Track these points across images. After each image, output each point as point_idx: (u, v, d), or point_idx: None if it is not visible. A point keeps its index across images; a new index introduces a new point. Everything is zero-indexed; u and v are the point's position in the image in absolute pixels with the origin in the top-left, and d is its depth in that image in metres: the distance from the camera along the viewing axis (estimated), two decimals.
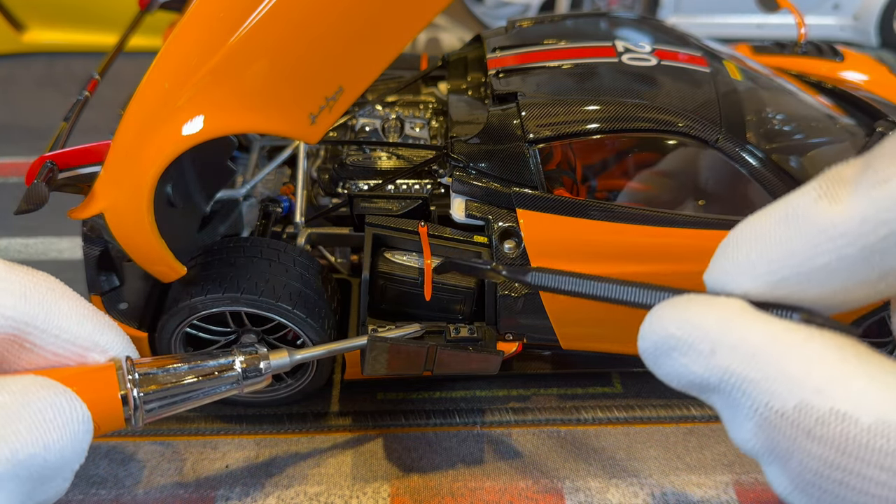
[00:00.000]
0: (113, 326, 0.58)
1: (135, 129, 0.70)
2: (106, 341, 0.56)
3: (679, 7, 1.74)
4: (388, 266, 0.82)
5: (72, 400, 0.51)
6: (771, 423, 0.37)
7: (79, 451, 0.50)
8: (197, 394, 0.61)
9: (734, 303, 0.40)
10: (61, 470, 0.49)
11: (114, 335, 0.57)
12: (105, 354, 0.56)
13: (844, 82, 1.11)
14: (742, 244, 0.42)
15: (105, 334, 0.56)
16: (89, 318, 0.56)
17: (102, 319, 0.57)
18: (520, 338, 0.88)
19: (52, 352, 0.54)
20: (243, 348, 0.66)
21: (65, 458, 0.49)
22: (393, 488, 0.84)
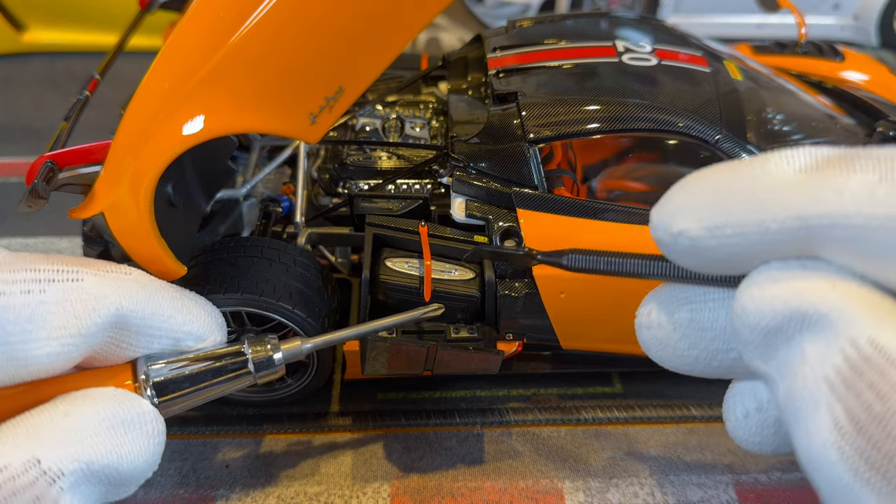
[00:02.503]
0: (203, 311, 0.59)
1: (135, 129, 0.70)
2: (198, 328, 0.58)
3: (679, 7, 1.74)
4: (388, 274, 0.82)
5: (147, 414, 0.52)
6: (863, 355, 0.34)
7: (151, 463, 0.52)
8: (210, 390, 0.61)
9: None
10: (133, 479, 0.51)
11: (204, 321, 0.58)
12: (199, 341, 0.58)
13: (845, 82, 1.11)
14: (694, 186, 0.41)
15: (195, 322, 0.58)
16: (180, 310, 0.57)
17: (193, 306, 0.58)
18: (520, 338, 0.88)
19: (147, 347, 0.56)
20: (253, 339, 0.65)
21: (137, 469, 0.50)
22: (393, 488, 0.84)
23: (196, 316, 0.58)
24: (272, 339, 0.65)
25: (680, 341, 0.46)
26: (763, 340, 0.39)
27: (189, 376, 0.59)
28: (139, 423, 0.51)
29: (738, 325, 0.40)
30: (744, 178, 0.39)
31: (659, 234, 0.42)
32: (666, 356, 0.48)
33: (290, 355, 0.66)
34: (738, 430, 0.46)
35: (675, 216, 0.41)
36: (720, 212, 0.39)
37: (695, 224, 0.40)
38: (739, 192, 0.39)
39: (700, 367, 0.47)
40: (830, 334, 0.35)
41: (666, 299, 0.48)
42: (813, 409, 0.35)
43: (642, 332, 0.49)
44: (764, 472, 0.87)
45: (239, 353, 0.62)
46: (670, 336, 0.47)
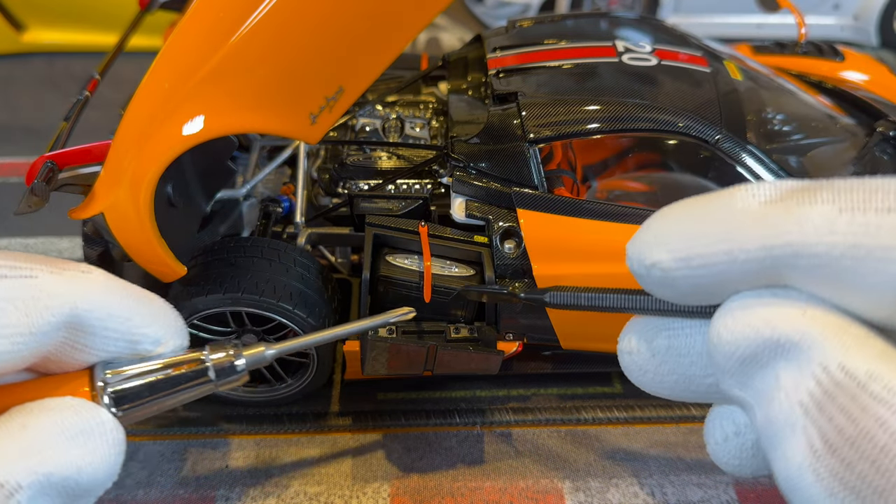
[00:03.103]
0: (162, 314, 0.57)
1: (135, 129, 0.70)
2: (156, 331, 0.56)
3: (679, 7, 1.74)
4: (389, 270, 0.82)
5: (106, 423, 0.52)
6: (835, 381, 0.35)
7: (111, 473, 0.51)
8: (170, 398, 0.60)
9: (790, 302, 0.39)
10: (93, 490, 0.50)
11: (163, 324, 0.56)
12: (157, 345, 0.57)
13: (845, 82, 1.11)
14: (664, 220, 0.42)
15: (153, 325, 0.56)
16: (138, 312, 0.55)
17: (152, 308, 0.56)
18: (520, 338, 0.88)
19: (103, 350, 0.55)
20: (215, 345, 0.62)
21: (97, 480, 0.49)
22: (393, 488, 0.84)
23: (154, 318, 0.56)
24: (235, 344, 0.64)
25: (659, 367, 0.48)
26: (739, 368, 0.40)
27: (148, 384, 0.57)
28: (98, 433, 0.50)
29: (714, 354, 0.41)
30: (711, 211, 0.40)
31: (634, 267, 0.43)
32: (646, 381, 0.49)
33: (253, 362, 0.64)
34: (718, 454, 0.48)
35: (647, 248, 0.42)
36: (689, 244, 0.40)
37: (666, 256, 0.41)
38: (707, 224, 0.40)
39: (678, 391, 0.48)
40: (803, 360, 0.37)
41: (644, 327, 0.50)
42: (789, 432, 0.37)
43: (623, 357, 0.51)
44: None
45: (199, 361, 0.61)
46: (649, 362, 0.49)
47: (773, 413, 0.38)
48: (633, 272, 0.44)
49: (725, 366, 0.41)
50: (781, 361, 0.38)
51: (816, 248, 0.36)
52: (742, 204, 0.40)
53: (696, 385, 0.47)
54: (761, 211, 0.39)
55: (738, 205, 0.40)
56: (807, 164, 0.90)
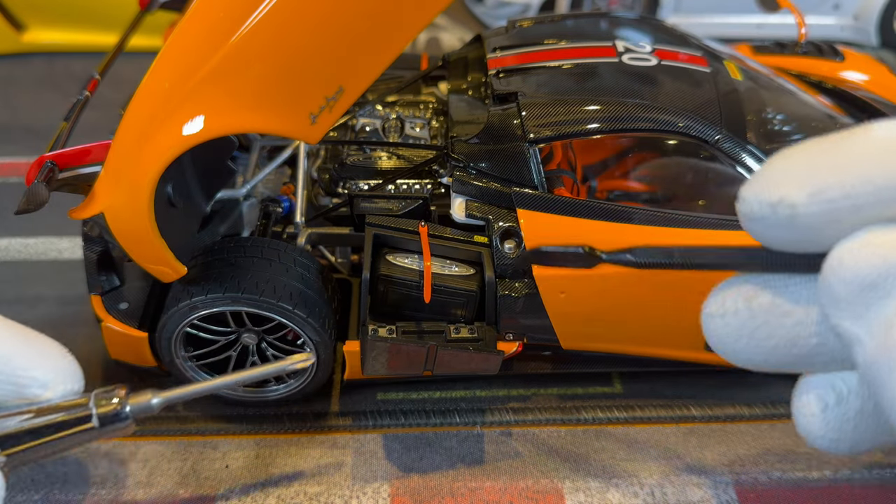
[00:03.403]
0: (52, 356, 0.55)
1: (135, 129, 0.70)
2: (43, 375, 0.54)
3: (679, 7, 1.74)
4: (389, 269, 0.82)
5: None
6: None
7: None
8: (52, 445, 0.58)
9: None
10: None
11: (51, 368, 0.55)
12: (45, 389, 0.55)
13: (845, 82, 1.11)
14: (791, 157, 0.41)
15: (40, 368, 0.54)
16: (22, 353, 0.53)
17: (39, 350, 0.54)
18: (520, 338, 0.88)
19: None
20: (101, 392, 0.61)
21: None
22: (393, 488, 0.84)
23: (41, 362, 0.54)
24: (120, 391, 0.63)
25: (758, 329, 0.44)
26: (857, 296, 0.39)
27: (29, 430, 0.56)
28: None
29: (832, 280, 0.39)
30: (843, 144, 0.39)
31: (752, 208, 0.41)
32: (739, 348, 0.45)
33: (139, 410, 0.61)
34: (815, 426, 0.45)
35: (773, 186, 0.40)
36: (823, 175, 0.39)
37: (796, 190, 0.39)
38: (840, 155, 0.39)
39: (777, 356, 0.45)
40: None
41: (742, 284, 0.46)
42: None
43: (714, 321, 0.46)
44: (764, 472, 0.87)
45: (83, 407, 0.59)
46: (747, 324, 0.45)
47: (892, 343, 0.36)
48: (750, 216, 0.42)
49: (842, 293, 0.39)
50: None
51: None
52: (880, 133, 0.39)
53: (798, 347, 0.44)
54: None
55: (875, 134, 0.39)
56: None
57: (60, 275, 1.11)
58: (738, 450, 0.89)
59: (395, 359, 0.80)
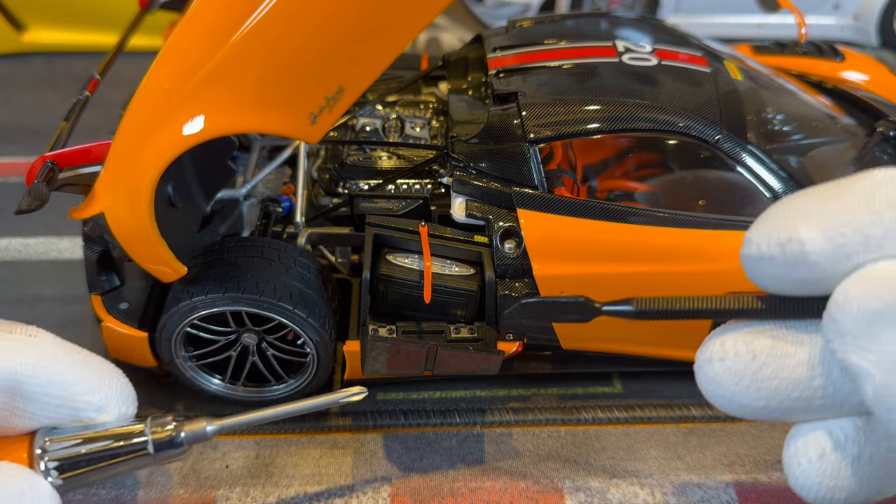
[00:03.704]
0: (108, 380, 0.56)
1: (135, 129, 0.70)
2: (98, 399, 0.55)
3: (679, 7, 1.74)
4: (389, 269, 0.82)
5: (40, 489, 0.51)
6: None
7: None
8: (107, 471, 0.59)
9: None
10: None
11: (106, 392, 0.56)
12: (100, 412, 0.56)
13: (845, 82, 1.11)
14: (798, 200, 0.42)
15: (97, 393, 0.55)
16: (82, 379, 0.54)
17: (97, 376, 0.55)
18: (520, 338, 0.88)
19: (44, 416, 0.54)
20: (157, 419, 0.62)
21: None
22: (393, 488, 0.84)
23: (98, 386, 0.56)
24: (177, 419, 0.63)
25: (759, 371, 0.44)
26: (864, 330, 0.39)
27: (86, 455, 0.57)
28: (31, 498, 0.50)
29: (838, 315, 0.40)
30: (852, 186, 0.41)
31: (760, 248, 0.42)
32: (739, 391, 0.45)
33: (193, 437, 0.63)
34: (811, 474, 0.44)
35: (785, 226, 0.42)
36: (833, 214, 0.40)
37: (806, 229, 0.41)
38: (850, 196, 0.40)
39: (777, 399, 0.45)
40: None
41: (740, 329, 0.46)
42: None
43: (714, 365, 0.46)
44: (764, 472, 0.87)
45: (139, 434, 0.60)
46: (748, 366, 0.45)
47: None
48: (757, 257, 0.43)
49: (849, 327, 0.39)
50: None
51: None
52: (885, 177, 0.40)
53: (799, 389, 0.44)
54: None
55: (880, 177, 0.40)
56: (807, 164, 0.90)
57: (60, 275, 1.11)
58: (738, 450, 0.89)
59: (396, 359, 0.80)
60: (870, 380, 0.39)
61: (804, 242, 0.41)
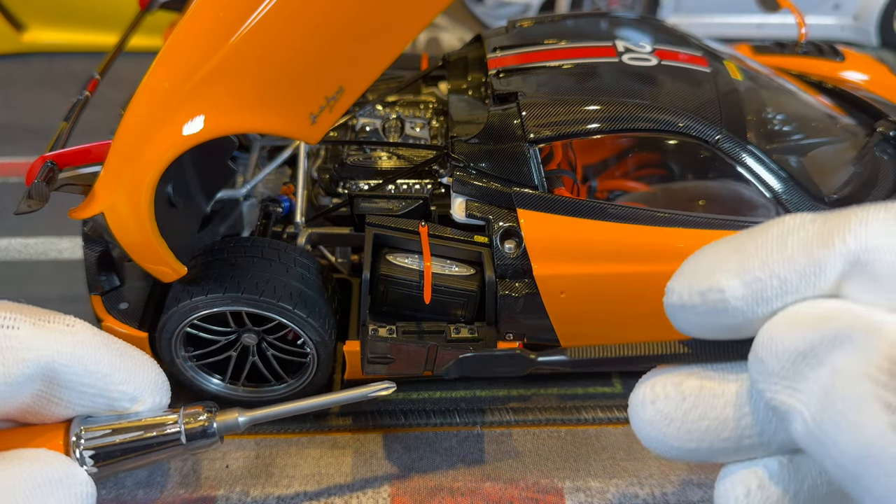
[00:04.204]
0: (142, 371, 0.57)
1: (135, 129, 0.70)
2: (133, 389, 0.56)
3: (679, 7, 1.74)
4: (389, 268, 0.82)
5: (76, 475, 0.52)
6: None
7: None
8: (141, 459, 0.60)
9: None
10: None
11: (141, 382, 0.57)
12: (134, 402, 0.57)
13: (845, 82, 1.11)
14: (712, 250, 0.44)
15: (131, 382, 0.56)
16: (118, 369, 0.55)
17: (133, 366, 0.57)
18: (520, 338, 0.88)
19: (80, 404, 0.55)
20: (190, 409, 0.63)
21: None
22: (393, 488, 0.84)
23: (134, 375, 0.57)
24: (209, 409, 0.64)
25: (688, 413, 0.46)
26: (790, 369, 0.40)
27: (120, 444, 0.58)
28: (67, 485, 0.51)
29: (764, 356, 0.41)
30: (763, 234, 0.42)
31: (683, 298, 0.44)
32: (671, 432, 0.47)
33: (225, 428, 0.64)
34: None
35: (704, 275, 0.43)
36: (748, 261, 0.42)
37: (724, 276, 0.42)
38: (763, 243, 0.42)
39: (708, 440, 0.46)
40: (864, 346, 0.38)
41: (669, 372, 0.48)
42: (858, 407, 0.37)
43: (646, 408, 0.48)
44: None
45: (172, 424, 0.61)
46: (678, 407, 0.46)
47: (833, 399, 0.38)
48: (680, 305, 0.44)
49: (776, 367, 0.41)
50: (838, 352, 0.39)
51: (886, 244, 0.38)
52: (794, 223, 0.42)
53: (728, 429, 0.45)
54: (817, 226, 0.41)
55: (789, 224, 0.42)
56: (807, 164, 0.90)
57: (60, 275, 1.11)
58: None
59: (396, 358, 0.80)
60: (799, 417, 0.40)
61: (724, 290, 0.42)
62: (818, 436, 0.39)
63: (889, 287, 0.39)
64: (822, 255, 0.40)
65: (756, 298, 0.42)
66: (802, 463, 0.45)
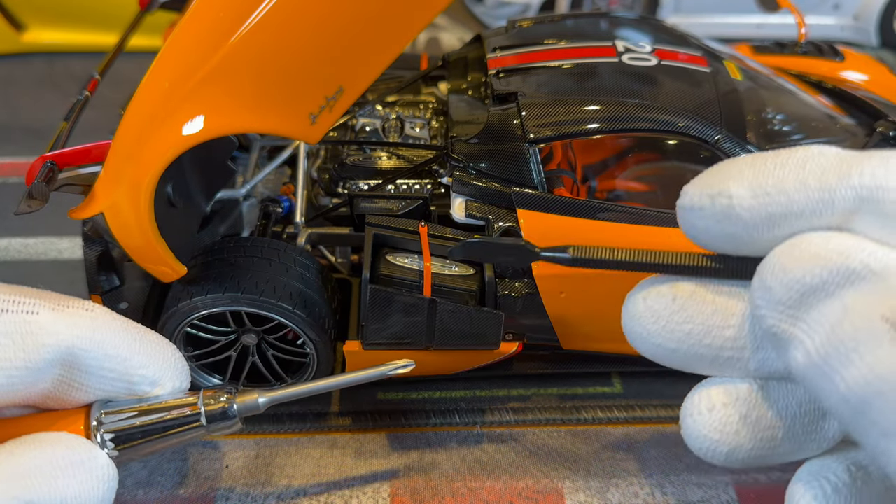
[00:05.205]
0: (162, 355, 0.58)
1: (135, 129, 0.70)
2: (153, 373, 0.56)
3: (679, 7, 1.74)
4: (389, 269, 0.82)
5: (97, 458, 0.52)
6: None
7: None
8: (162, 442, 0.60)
9: None
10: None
11: (161, 366, 0.57)
12: (154, 386, 0.57)
13: (845, 82, 1.11)
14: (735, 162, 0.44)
15: (151, 366, 0.56)
16: (137, 352, 0.55)
17: (152, 350, 0.57)
18: (520, 338, 0.88)
19: (100, 389, 0.55)
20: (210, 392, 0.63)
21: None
22: (393, 488, 0.84)
23: (154, 360, 0.57)
24: (229, 391, 0.64)
25: (675, 314, 0.47)
26: (798, 300, 0.40)
27: (140, 427, 0.58)
28: (88, 468, 0.51)
29: (772, 283, 0.41)
30: (787, 153, 0.43)
31: (693, 199, 0.44)
32: (655, 330, 0.47)
33: (245, 409, 0.64)
34: (699, 425, 0.47)
35: (717, 181, 0.43)
36: (763, 175, 0.42)
37: (736, 184, 0.42)
38: (783, 161, 0.42)
39: (688, 344, 0.46)
40: (881, 287, 0.37)
41: (668, 276, 0.48)
42: (872, 342, 0.37)
43: (637, 303, 0.49)
44: (764, 471, 0.87)
45: (192, 406, 0.61)
46: (667, 307, 0.47)
47: (842, 334, 0.38)
48: (689, 206, 0.44)
49: (783, 296, 0.41)
50: (850, 290, 0.39)
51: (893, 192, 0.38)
52: (819, 150, 0.42)
53: (711, 337, 0.46)
54: (839, 156, 0.41)
55: (814, 150, 0.42)
56: None
57: (60, 275, 1.11)
58: None
59: (396, 316, 0.80)
60: (801, 347, 0.40)
61: (732, 197, 0.42)
62: (821, 367, 0.39)
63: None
64: (836, 185, 0.40)
65: (762, 213, 0.42)
66: (773, 390, 0.46)
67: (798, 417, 0.46)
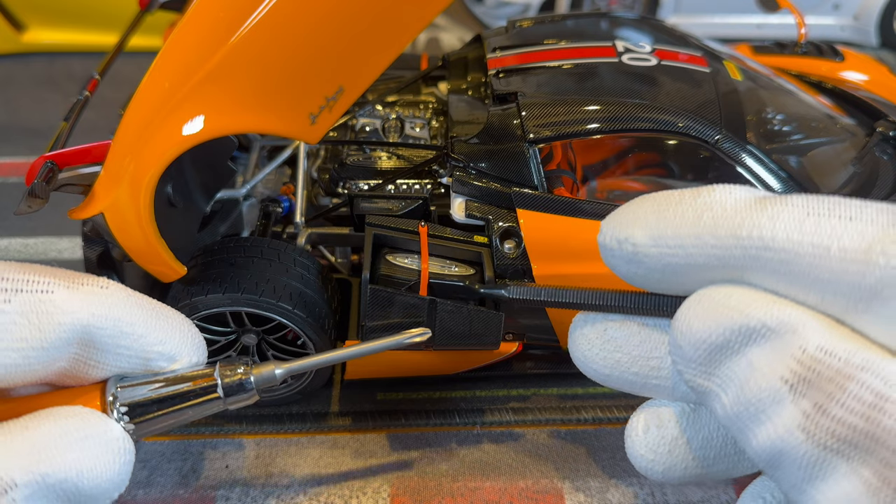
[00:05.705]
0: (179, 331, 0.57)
1: (135, 129, 0.70)
2: (170, 349, 0.56)
3: (679, 7, 1.74)
4: (389, 269, 0.82)
5: (112, 431, 0.52)
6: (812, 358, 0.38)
7: (116, 482, 0.51)
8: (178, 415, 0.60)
9: None
10: (96, 497, 0.50)
11: (178, 341, 0.57)
12: (170, 362, 0.57)
13: (844, 82, 1.11)
14: (644, 202, 0.45)
15: (168, 342, 0.56)
16: (154, 329, 0.55)
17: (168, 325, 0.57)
18: (520, 338, 0.88)
19: (116, 366, 0.55)
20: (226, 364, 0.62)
21: (99, 487, 0.50)
22: (393, 488, 0.84)
23: (170, 335, 0.56)
24: (246, 363, 0.64)
25: (608, 343, 0.50)
26: (707, 357, 0.42)
27: (156, 400, 0.58)
28: (104, 441, 0.51)
29: (682, 343, 0.43)
30: (688, 200, 0.43)
31: (606, 240, 0.46)
32: (591, 356, 0.51)
33: (263, 380, 0.63)
34: (636, 446, 0.50)
35: (623, 225, 0.45)
36: (664, 225, 0.43)
37: (640, 232, 0.44)
38: (683, 210, 0.43)
39: (619, 371, 0.50)
40: (779, 344, 0.39)
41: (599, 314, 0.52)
42: (774, 405, 0.39)
43: (575, 329, 0.52)
44: None
45: (208, 378, 0.61)
46: (600, 336, 0.50)
47: (749, 393, 0.40)
48: (604, 246, 0.46)
49: (692, 355, 0.42)
50: (754, 347, 0.40)
51: (785, 244, 0.39)
52: (719, 198, 0.42)
53: (638, 366, 0.49)
54: (736, 207, 0.42)
55: (715, 198, 0.42)
56: (807, 164, 0.90)
57: None
58: None
59: (396, 315, 0.80)
60: (718, 400, 0.42)
61: (636, 245, 0.44)
62: (736, 422, 0.41)
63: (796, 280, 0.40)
64: (727, 242, 0.41)
65: (664, 263, 0.43)
66: (703, 415, 0.49)
67: (729, 440, 0.49)
